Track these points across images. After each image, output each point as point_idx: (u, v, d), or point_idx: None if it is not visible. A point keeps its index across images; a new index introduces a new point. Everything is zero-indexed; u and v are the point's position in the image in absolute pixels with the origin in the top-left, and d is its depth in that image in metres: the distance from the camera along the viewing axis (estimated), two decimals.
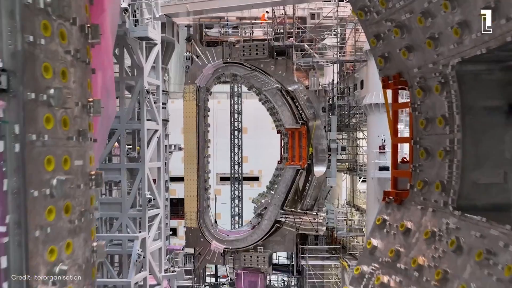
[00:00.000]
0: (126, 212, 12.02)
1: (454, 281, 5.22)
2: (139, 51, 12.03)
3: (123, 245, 12.09)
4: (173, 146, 21.91)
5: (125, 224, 12.08)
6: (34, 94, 4.33)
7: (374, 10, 6.73)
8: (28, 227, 4.29)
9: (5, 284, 4.30)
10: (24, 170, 4.27)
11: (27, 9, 4.24)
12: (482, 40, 5.09)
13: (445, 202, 6.08)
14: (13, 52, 4.22)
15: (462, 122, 5.94)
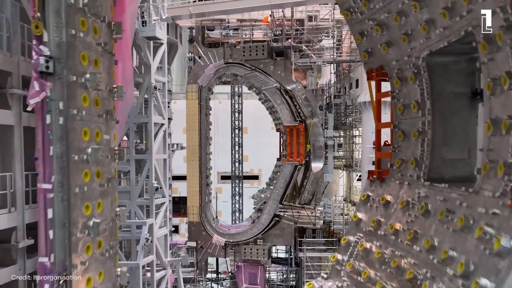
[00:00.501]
0: (134, 200, 13.05)
1: (422, 239, 6.26)
2: (147, 50, 13.12)
3: (132, 231, 13.11)
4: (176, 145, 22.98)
5: (133, 211, 13.11)
6: (75, 77, 5.41)
7: (358, 11, 7.84)
8: (70, 186, 5.36)
9: (50, 231, 5.36)
10: (67, 138, 5.35)
11: (69, 8, 5.33)
12: (444, 35, 6.19)
13: (418, 176, 7.16)
14: (59, 43, 5.31)
15: (432, 106, 7.03)
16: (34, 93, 5.20)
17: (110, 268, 6.20)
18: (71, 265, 5.34)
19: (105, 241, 5.98)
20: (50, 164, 5.27)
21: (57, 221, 5.32)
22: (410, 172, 7.40)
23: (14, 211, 10.96)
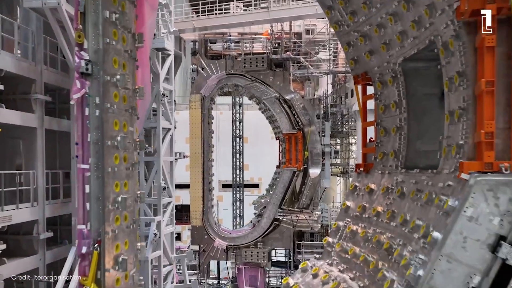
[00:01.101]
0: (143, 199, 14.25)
1: (398, 216, 7.49)
2: (155, 60, 14.47)
3: (141, 228, 14.27)
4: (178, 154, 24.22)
5: (142, 209, 14.31)
6: (108, 77, 6.72)
7: (345, 24, 9.19)
8: (104, 166, 6.62)
9: (87, 203, 6.61)
10: (102, 128, 6.63)
11: (105, 21, 6.67)
12: (414, 44, 7.53)
13: (396, 165, 8.43)
14: (96, 49, 6.63)
15: (407, 105, 8.34)
16: (76, 90, 6.49)
17: (133, 241, 7.41)
18: (104, 232, 6.56)
19: (130, 216, 7.20)
20: (88, 148, 6.53)
21: (93, 195, 6.56)
22: (390, 163, 8.66)
23: (36, 206, 12.22)
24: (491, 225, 5.14)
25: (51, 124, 13.01)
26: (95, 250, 6.55)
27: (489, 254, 5.13)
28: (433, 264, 5.33)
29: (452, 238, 5.27)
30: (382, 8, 7.91)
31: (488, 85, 5.28)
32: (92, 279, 6.51)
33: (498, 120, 5.53)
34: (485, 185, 5.20)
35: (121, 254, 6.96)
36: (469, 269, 5.20)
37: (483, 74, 5.38)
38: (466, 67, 5.88)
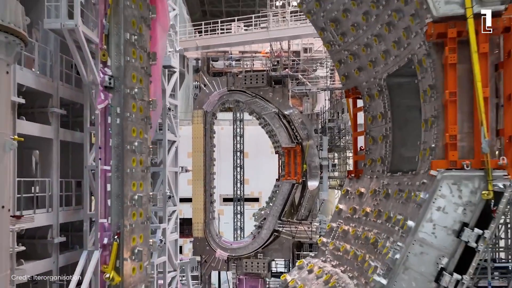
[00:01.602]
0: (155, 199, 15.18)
1: (383, 215, 8.47)
2: (162, 76, 15.59)
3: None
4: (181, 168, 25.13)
5: None
6: (128, 90, 7.79)
7: (336, 44, 10.32)
8: (123, 168, 7.64)
9: (109, 200, 7.59)
10: (122, 134, 7.66)
11: (126, 42, 7.77)
12: (396, 61, 8.64)
13: (383, 170, 9.44)
14: (118, 66, 7.72)
15: (392, 116, 9.41)
16: (100, 101, 7.55)
17: (146, 236, 8.37)
18: (123, 225, 7.53)
19: (144, 213, 8.18)
20: (109, 151, 7.56)
21: (113, 193, 7.55)
22: (377, 168, 9.69)
23: (51, 212, 13.14)
24: (456, 214, 6.14)
25: (65, 136, 13.98)
26: (115, 242, 7.51)
27: (455, 239, 6.11)
28: (408, 248, 6.31)
29: (424, 225, 6.26)
30: (368, 30, 9.05)
31: (452, 96, 6.33)
32: (112, 267, 7.46)
33: (463, 126, 6.57)
34: (450, 179, 6.21)
35: (137, 246, 7.92)
36: (438, 252, 6.18)
37: (447, 86, 6.44)
38: (436, 81, 6.95)
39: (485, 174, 6.01)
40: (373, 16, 8.64)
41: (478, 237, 5.95)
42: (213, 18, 45.92)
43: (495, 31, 6.22)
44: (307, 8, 10.10)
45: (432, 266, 6.15)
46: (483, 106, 6.02)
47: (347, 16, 9.32)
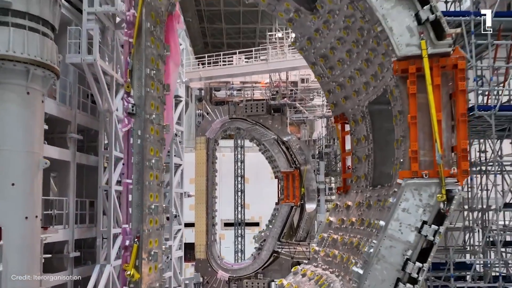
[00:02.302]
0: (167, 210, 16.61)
1: (365, 222, 9.96)
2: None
3: None
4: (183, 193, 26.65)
5: None
6: (147, 116, 9.42)
7: (325, 76, 12.05)
8: (143, 181, 9.18)
9: (130, 209, 9.10)
10: (142, 153, 9.24)
11: (146, 76, 9.45)
12: (374, 91, 10.31)
13: (366, 185, 10.98)
14: (139, 96, 9.37)
15: (373, 138, 11.01)
16: (124, 125, 9.16)
17: (161, 241, 9.82)
18: (142, 230, 9.00)
19: (159, 221, 9.66)
20: (131, 167, 9.11)
21: (134, 202, 9.05)
22: (362, 183, 11.24)
23: (67, 228, 14.63)
24: (417, 214, 7.66)
25: (81, 159, 15.65)
26: (135, 244, 8.97)
27: (417, 234, 7.61)
28: (379, 243, 7.79)
29: (392, 224, 7.77)
30: (351, 65, 10.78)
31: (413, 119, 7.96)
32: (132, 266, 8.87)
33: (424, 143, 8.15)
34: (412, 186, 7.76)
35: (153, 249, 9.36)
36: (404, 245, 7.66)
37: (410, 111, 8.07)
38: (403, 107, 8.59)
39: (440, 182, 7.56)
40: (354, 54, 10.39)
41: (435, 232, 7.44)
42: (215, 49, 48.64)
43: (446, 68, 7.89)
44: (300, 45, 11.89)
45: (399, 257, 7.61)
46: (437, 127, 7.62)
47: (333, 53, 11.08)
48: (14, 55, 9.43)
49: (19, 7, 9.49)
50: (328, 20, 10.31)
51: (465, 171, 7.72)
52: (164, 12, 10.23)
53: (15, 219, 9.41)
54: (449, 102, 8.25)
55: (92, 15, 13.94)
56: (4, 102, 9.49)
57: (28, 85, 9.79)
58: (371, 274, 7.73)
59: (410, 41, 7.87)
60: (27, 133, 9.84)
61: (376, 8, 7.98)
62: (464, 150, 7.79)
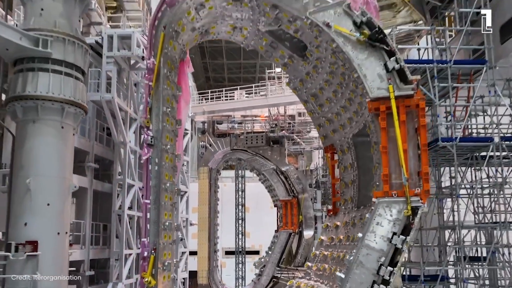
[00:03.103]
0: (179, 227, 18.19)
1: (350, 238, 11.67)
2: None
3: None
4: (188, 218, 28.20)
5: None
6: (163, 146, 11.31)
7: (316, 112, 14.00)
8: (159, 201, 10.98)
9: (148, 225, 10.86)
10: (159, 177, 11.07)
11: (163, 113, 11.39)
12: (357, 125, 12.23)
13: (352, 207, 12.75)
14: (157, 129, 11.30)
15: (357, 166, 12.84)
16: (144, 154, 11.03)
17: (173, 254, 11.51)
18: (158, 243, 10.71)
19: (172, 236, 11.37)
20: (149, 189, 10.92)
21: (152, 219, 10.80)
22: (348, 205, 13.00)
23: (84, 249, 16.29)
24: (388, 226, 9.41)
25: (96, 186, 17.46)
26: (152, 255, 10.66)
27: (388, 243, 9.34)
28: (358, 251, 9.51)
29: (368, 235, 9.51)
30: (337, 103, 12.74)
31: (384, 149, 9.83)
32: (149, 274, 10.55)
33: (395, 169, 9.97)
34: (384, 203, 9.55)
35: (167, 260, 11.05)
36: (378, 253, 9.37)
37: (382, 142, 9.95)
38: (377, 139, 10.47)
39: (406, 200, 9.36)
40: (339, 94, 12.37)
41: (402, 241, 9.17)
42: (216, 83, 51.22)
43: (410, 107, 9.82)
44: (293, 85, 13.92)
45: (374, 263, 9.30)
46: (403, 156, 9.49)
47: (322, 93, 13.07)
48: (53, 96, 11.39)
49: (58, 56, 11.54)
50: (317, 66, 12.35)
51: (427, 191, 9.52)
52: (178, 59, 12.30)
53: (49, 235, 11.15)
54: (415, 135, 10.13)
55: (111, 58, 16.09)
56: (43, 135, 11.40)
57: (62, 120, 11.72)
58: (352, 277, 9.41)
59: (380, 85, 9.83)
60: (60, 161, 11.70)
61: (353, 59, 9.99)
62: (426, 174, 9.62)
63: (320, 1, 10.44)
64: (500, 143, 10.93)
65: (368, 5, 11.57)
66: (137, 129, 18.47)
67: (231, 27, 12.93)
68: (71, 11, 12.05)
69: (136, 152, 18.26)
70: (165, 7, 11.31)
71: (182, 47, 12.32)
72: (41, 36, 11.33)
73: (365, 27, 9.94)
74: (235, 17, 12.36)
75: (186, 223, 20.26)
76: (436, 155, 12.34)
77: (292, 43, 12.61)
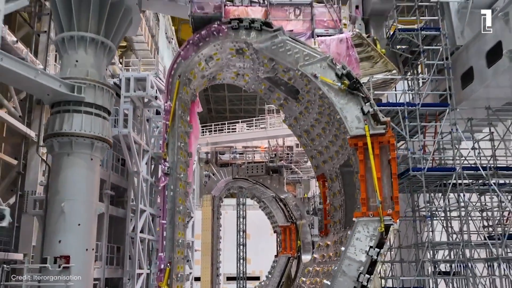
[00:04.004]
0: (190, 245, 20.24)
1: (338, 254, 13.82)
2: None
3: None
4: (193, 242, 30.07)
5: None
6: (178, 175, 13.63)
7: (308, 145, 16.39)
8: (174, 221, 13.22)
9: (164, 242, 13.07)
10: (174, 201, 13.34)
11: (178, 147, 13.76)
12: (343, 157, 14.59)
13: (340, 227, 14.96)
14: (172, 161, 13.65)
15: (344, 192, 15.12)
16: (162, 182, 13.33)
17: (184, 268, 13.65)
18: (173, 257, 12.87)
19: (184, 252, 13.55)
20: (166, 212, 13.16)
21: (168, 237, 13.00)
22: (337, 227, 15.21)
23: (100, 268, 18.38)
24: (366, 241, 11.62)
25: (112, 211, 19.68)
26: (167, 267, 12.80)
27: (366, 255, 11.52)
28: (342, 262, 11.69)
29: (349, 248, 11.71)
30: (326, 138, 15.11)
31: (362, 177, 12.14)
32: (165, 283, 12.68)
33: (373, 194, 12.24)
34: (362, 222, 11.79)
35: (180, 272, 13.19)
36: (358, 263, 11.54)
37: (360, 172, 12.26)
38: (357, 169, 12.78)
39: (380, 219, 11.59)
40: (327, 130, 14.77)
41: (377, 253, 11.36)
42: (218, 115, 53.93)
43: (383, 143, 12.16)
44: (288, 122, 16.35)
45: (355, 271, 11.45)
46: (376, 182, 11.77)
47: (313, 129, 15.47)
48: (84, 133, 13.80)
49: (89, 100, 14.01)
50: (308, 107, 14.79)
51: (397, 212, 11.77)
52: (189, 101, 14.77)
53: (79, 250, 13.34)
54: (388, 166, 12.45)
55: (128, 98, 18.60)
56: (75, 166, 13.74)
57: (92, 153, 14.09)
58: (336, 285, 11.56)
59: (358, 125, 12.22)
60: (89, 188, 14.01)
61: (335, 104, 12.43)
62: (396, 198, 11.88)
63: (309, 56, 12.97)
64: (461, 172, 13.23)
65: (350, 58, 14.14)
66: (149, 160, 20.84)
67: (234, 73, 15.46)
68: (100, 62, 14.59)
69: (148, 180, 20.57)
70: (180, 60, 13.87)
71: (193, 91, 14.82)
72: (76, 84, 13.83)
73: (345, 78, 12.43)
74: (238, 66, 14.90)
75: (192, 246, 22.33)
76: (410, 183, 14.59)
77: (287, 88, 15.09)
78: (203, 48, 13.81)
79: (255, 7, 14.68)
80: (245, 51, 13.95)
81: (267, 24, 13.47)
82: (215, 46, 13.83)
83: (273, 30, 13.36)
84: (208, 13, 13.85)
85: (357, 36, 14.31)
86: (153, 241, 20.54)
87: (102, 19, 14.44)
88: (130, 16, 15.35)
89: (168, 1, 16.56)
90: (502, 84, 12.74)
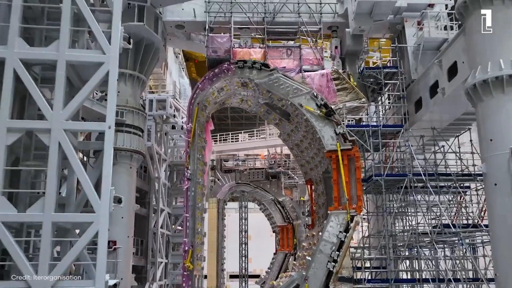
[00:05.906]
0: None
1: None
2: None
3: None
4: None
5: None
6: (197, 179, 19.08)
7: (299, 156, 21.89)
8: (195, 215, 18.66)
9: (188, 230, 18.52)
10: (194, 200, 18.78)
11: (197, 159, 19.25)
12: (324, 165, 20.04)
13: (322, 221, 20.37)
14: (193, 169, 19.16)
15: (326, 193, 20.54)
16: (185, 185, 18.76)
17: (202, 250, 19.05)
18: (195, 242, 18.25)
19: (202, 238, 18.95)
20: (189, 208, 18.59)
21: (190, 226, 18.41)
22: (320, 220, 20.63)
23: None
24: (337, 228, 17.05)
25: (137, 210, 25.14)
26: (190, 249, 18.21)
27: (336, 238, 16.95)
28: (319, 243, 17.13)
29: (325, 233, 17.14)
30: (311, 151, 20.59)
31: (335, 181, 17.59)
32: (189, 261, 18.10)
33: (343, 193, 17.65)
34: (335, 214, 17.24)
35: (199, 253, 18.62)
36: (331, 244, 16.96)
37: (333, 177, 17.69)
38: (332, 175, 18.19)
39: (347, 211, 17.01)
40: (312, 145, 20.27)
41: (345, 236, 16.76)
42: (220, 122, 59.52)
43: (350, 155, 17.57)
44: (283, 137, 21.87)
45: (329, 250, 16.82)
46: (345, 185, 17.19)
47: (302, 143, 20.97)
48: (125, 147, 19.27)
49: (129, 122, 19.51)
50: (297, 126, 20.28)
51: (360, 206, 17.18)
52: (205, 122, 20.29)
53: (123, 237, 18.79)
54: (355, 172, 17.88)
55: (151, 116, 24.09)
56: (119, 173, 19.21)
57: (130, 163, 19.58)
58: (315, 260, 16.96)
59: (332, 142, 17.66)
60: (129, 190, 19.48)
61: (316, 126, 17.87)
62: (359, 196, 17.28)
63: (297, 89, 18.45)
64: (412, 177, 18.66)
65: (329, 89, 19.62)
66: (167, 167, 26.33)
67: (240, 100, 20.96)
68: (135, 91, 20.10)
69: (166, 184, 26.02)
70: (198, 91, 19.37)
71: (208, 114, 20.34)
72: (119, 110, 19.30)
73: (323, 107, 17.91)
74: (243, 94, 20.40)
75: None
76: (374, 186, 20.04)
77: (281, 111, 20.59)
78: (216, 82, 19.31)
79: (256, 49, 20.17)
80: (248, 84, 19.43)
81: (265, 65, 18.97)
82: (225, 80, 19.33)
83: (270, 70, 18.84)
84: (220, 55, 19.37)
85: (335, 72, 19.79)
86: (169, 235, 25.96)
87: (138, 59, 19.94)
88: (158, 54, 20.84)
89: (186, 41, 22.08)
90: (440, 111, 18.20)
